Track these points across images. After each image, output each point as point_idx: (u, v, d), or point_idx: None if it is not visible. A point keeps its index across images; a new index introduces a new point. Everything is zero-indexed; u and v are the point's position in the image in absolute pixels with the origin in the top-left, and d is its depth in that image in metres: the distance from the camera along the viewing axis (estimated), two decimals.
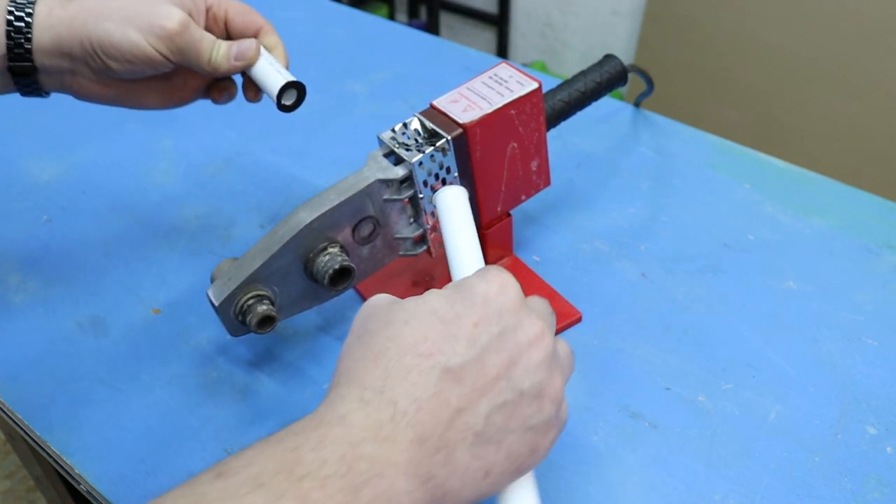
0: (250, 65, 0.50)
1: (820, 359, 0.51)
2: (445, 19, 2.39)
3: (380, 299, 0.35)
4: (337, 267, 0.46)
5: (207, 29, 0.51)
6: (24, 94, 0.49)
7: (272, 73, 0.49)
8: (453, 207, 0.43)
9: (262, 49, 0.51)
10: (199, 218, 0.64)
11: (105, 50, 0.45)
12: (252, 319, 0.44)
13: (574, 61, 2.12)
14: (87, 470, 0.46)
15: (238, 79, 0.54)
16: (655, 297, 0.56)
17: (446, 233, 0.42)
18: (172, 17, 0.46)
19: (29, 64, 0.46)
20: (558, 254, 0.59)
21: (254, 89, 0.53)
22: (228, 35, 0.52)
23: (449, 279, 0.40)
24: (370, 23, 0.92)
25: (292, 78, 0.50)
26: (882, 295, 0.55)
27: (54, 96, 0.51)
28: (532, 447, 0.32)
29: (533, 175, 0.54)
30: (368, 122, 0.75)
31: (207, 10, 0.50)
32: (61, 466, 0.48)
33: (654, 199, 0.64)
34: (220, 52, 0.48)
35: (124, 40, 0.45)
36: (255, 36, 0.51)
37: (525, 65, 1.92)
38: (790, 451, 0.46)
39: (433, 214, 0.49)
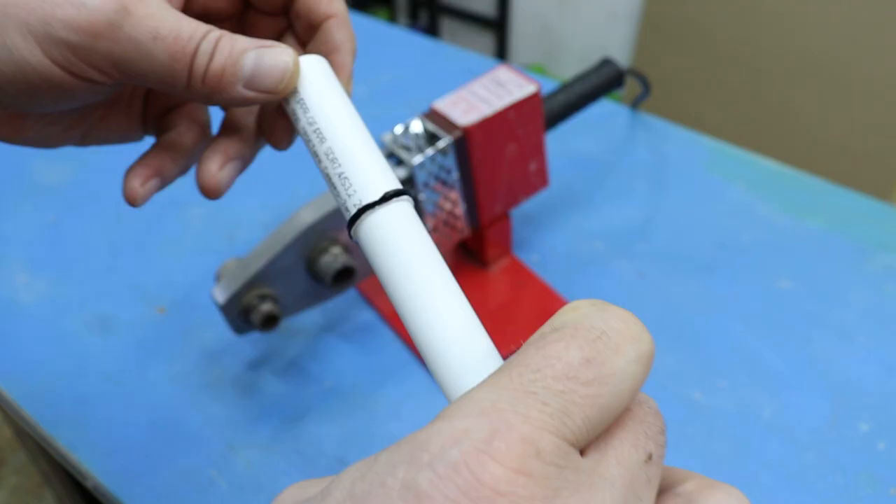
0: (278, 97, 0.27)
1: (813, 357, 0.52)
2: (446, 23, 2.40)
3: None
4: (339, 267, 0.47)
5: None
6: None
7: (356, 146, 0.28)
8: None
9: (317, 65, 0.28)
10: (203, 218, 0.65)
11: None
12: (256, 318, 0.45)
13: (572, 64, 2.13)
14: (94, 466, 0.47)
15: None
16: (652, 297, 0.56)
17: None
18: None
19: None
20: (556, 254, 0.60)
21: (284, 132, 0.30)
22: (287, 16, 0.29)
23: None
24: (371, 26, 0.93)
25: (383, 184, 0.25)
26: (874, 294, 0.56)
27: None
28: None
29: (531, 176, 0.54)
30: (370, 123, 0.75)
31: None
32: (68, 462, 0.49)
33: (650, 200, 0.65)
34: (216, 62, 0.25)
35: (2, 52, 0.24)
36: (318, 28, 0.29)
37: (524, 66, 1.93)
38: (784, 447, 0.47)
39: (434, 216, 0.50)
